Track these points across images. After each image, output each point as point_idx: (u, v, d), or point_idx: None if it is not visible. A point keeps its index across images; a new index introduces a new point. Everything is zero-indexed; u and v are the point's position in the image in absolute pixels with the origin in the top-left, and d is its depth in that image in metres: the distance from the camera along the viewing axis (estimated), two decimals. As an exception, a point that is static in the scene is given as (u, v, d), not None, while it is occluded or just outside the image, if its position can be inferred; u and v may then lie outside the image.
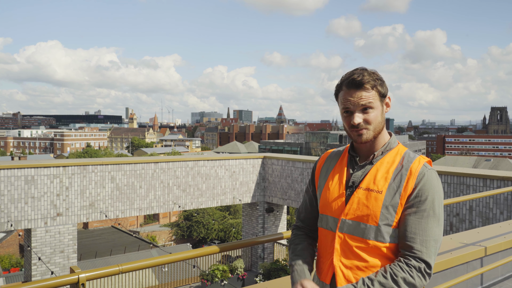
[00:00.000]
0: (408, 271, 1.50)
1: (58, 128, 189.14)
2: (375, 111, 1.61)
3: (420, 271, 1.51)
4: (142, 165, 11.10)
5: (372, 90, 1.61)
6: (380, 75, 1.65)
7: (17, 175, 9.37)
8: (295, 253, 1.77)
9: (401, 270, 1.50)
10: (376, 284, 1.49)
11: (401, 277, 1.49)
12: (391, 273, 1.50)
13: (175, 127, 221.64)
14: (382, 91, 1.63)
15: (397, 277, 1.49)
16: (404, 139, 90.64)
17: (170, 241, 37.28)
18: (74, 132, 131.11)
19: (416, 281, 1.50)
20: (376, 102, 1.61)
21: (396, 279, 1.49)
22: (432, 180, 1.57)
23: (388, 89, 1.68)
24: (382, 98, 1.64)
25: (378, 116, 1.62)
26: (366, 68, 1.65)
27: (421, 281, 1.51)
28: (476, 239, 3.73)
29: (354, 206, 1.61)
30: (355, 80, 1.61)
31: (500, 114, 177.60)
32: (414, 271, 1.50)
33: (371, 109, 1.61)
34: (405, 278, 1.49)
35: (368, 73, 1.62)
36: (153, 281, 12.92)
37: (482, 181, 8.21)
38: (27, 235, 9.88)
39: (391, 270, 1.51)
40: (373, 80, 1.61)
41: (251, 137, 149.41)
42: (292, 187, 12.65)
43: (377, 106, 1.62)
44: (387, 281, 1.49)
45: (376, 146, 1.67)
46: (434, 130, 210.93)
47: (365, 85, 1.60)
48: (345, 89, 1.63)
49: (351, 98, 1.61)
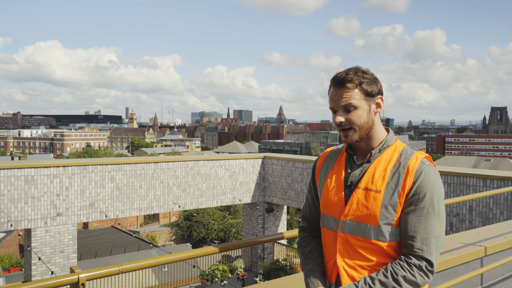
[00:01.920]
0: (408, 269, 1.50)
1: (58, 128, 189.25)
2: (359, 111, 1.60)
3: (421, 269, 1.51)
4: (142, 165, 11.10)
5: (355, 89, 1.59)
6: (371, 74, 1.63)
7: (17, 175, 9.38)
8: (304, 256, 1.78)
9: (401, 269, 1.51)
10: (377, 283, 1.50)
11: (401, 276, 1.49)
12: (391, 272, 1.51)
13: (175, 127, 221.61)
14: (369, 90, 1.60)
15: (397, 275, 1.50)
16: (404, 139, 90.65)
17: (170, 241, 37.29)
18: (74, 132, 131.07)
19: (418, 279, 1.50)
20: (359, 102, 1.59)
21: (397, 278, 1.49)
22: (430, 177, 1.56)
23: (380, 89, 1.65)
24: (368, 97, 1.61)
25: (362, 116, 1.60)
26: (359, 67, 1.64)
27: (423, 279, 1.51)
28: (476, 239, 3.73)
29: (354, 207, 1.61)
30: (337, 79, 1.61)
31: (500, 114, 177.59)
32: (415, 269, 1.51)
33: (354, 108, 1.59)
34: (405, 277, 1.49)
35: (354, 72, 1.61)
36: (153, 281, 12.93)
37: (482, 181, 8.21)
38: (27, 235, 9.88)
39: (392, 269, 1.52)
40: (358, 78, 1.59)
41: (251, 137, 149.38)
42: (292, 187, 12.65)
43: (361, 105, 1.60)
44: (387, 280, 1.50)
45: (373, 143, 1.66)
46: (434, 130, 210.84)
47: (346, 84, 1.59)
48: (331, 89, 1.64)
49: (333, 97, 1.62)
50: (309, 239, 1.83)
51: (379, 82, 1.65)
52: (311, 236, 1.83)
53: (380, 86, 1.66)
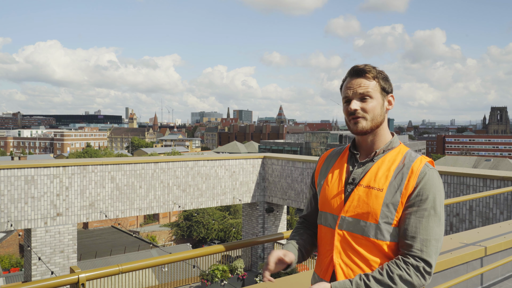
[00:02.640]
0: (405, 269, 1.49)
1: (58, 128, 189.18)
2: (374, 102, 1.63)
3: (418, 270, 1.50)
4: (142, 165, 11.10)
5: (373, 80, 1.63)
6: (385, 73, 1.68)
7: (17, 175, 9.37)
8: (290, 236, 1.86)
9: (397, 268, 1.50)
10: (372, 280, 1.49)
11: (397, 274, 1.48)
12: (387, 270, 1.50)
13: (175, 127, 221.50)
14: (385, 86, 1.65)
15: (392, 273, 1.49)
16: (404, 139, 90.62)
17: (170, 241, 37.29)
18: (74, 132, 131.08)
19: (414, 280, 1.49)
20: (375, 93, 1.63)
21: (392, 276, 1.48)
22: (434, 180, 1.57)
23: (392, 88, 1.70)
24: (383, 92, 1.65)
25: (376, 107, 1.63)
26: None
27: (419, 280, 1.50)
28: (476, 239, 3.73)
29: (354, 204, 1.61)
30: (357, 68, 1.65)
31: (500, 114, 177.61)
32: (412, 269, 1.50)
33: (370, 98, 1.62)
34: (401, 276, 1.48)
35: (372, 66, 1.65)
36: (153, 281, 12.93)
37: (482, 181, 8.21)
38: (27, 235, 9.88)
39: (388, 267, 1.51)
40: (376, 72, 1.64)
41: (251, 137, 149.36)
42: (292, 187, 12.65)
43: (376, 97, 1.63)
44: (382, 278, 1.49)
45: (377, 144, 1.67)
46: (434, 130, 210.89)
47: (366, 74, 1.63)
48: (348, 79, 1.68)
49: (350, 85, 1.65)
50: (299, 229, 1.88)
51: (391, 82, 1.71)
52: (304, 228, 1.88)
53: (392, 86, 1.71)
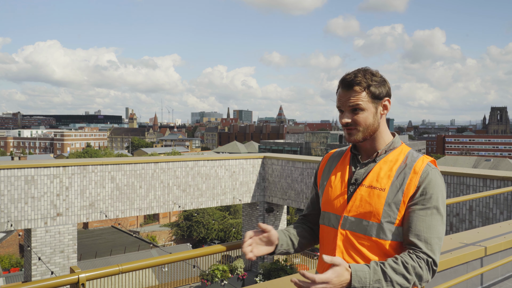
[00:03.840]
0: (418, 261, 1.50)
1: (58, 128, 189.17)
2: (365, 113, 1.63)
3: (428, 264, 1.51)
4: (142, 165, 11.10)
5: (363, 92, 1.62)
6: (380, 76, 1.65)
7: (17, 175, 9.38)
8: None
9: (411, 259, 1.50)
10: (388, 266, 1.48)
11: (411, 265, 1.48)
12: (402, 260, 1.49)
13: (175, 127, 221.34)
14: (377, 93, 1.63)
15: (407, 264, 1.48)
16: (404, 139, 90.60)
17: (170, 241, 37.30)
18: (74, 132, 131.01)
19: (424, 274, 1.50)
20: (366, 104, 1.62)
21: (407, 266, 1.48)
22: (436, 179, 1.58)
23: (388, 91, 1.67)
24: (375, 100, 1.64)
25: (368, 117, 1.63)
26: (368, 68, 1.66)
27: (428, 275, 1.51)
28: (476, 239, 3.73)
29: (357, 203, 1.62)
30: (345, 81, 1.64)
31: (500, 114, 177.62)
32: (423, 263, 1.50)
33: (360, 110, 1.62)
34: (414, 267, 1.49)
35: (363, 74, 1.63)
36: (153, 281, 12.93)
37: (482, 181, 8.21)
38: (27, 235, 9.88)
39: (402, 257, 1.51)
40: (366, 81, 1.62)
41: (251, 137, 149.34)
42: (292, 187, 12.65)
43: (368, 108, 1.63)
44: (398, 266, 1.48)
45: (378, 144, 1.68)
46: (434, 130, 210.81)
47: (354, 87, 1.62)
48: (340, 88, 1.68)
49: (341, 98, 1.66)
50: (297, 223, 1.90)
51: (387, 84, 1.68)
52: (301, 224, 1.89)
53: (389, 88, 1.68)
